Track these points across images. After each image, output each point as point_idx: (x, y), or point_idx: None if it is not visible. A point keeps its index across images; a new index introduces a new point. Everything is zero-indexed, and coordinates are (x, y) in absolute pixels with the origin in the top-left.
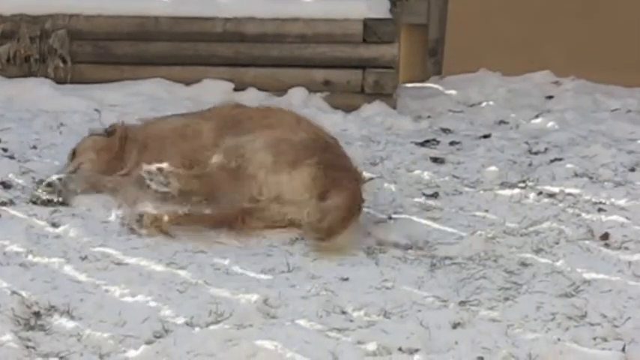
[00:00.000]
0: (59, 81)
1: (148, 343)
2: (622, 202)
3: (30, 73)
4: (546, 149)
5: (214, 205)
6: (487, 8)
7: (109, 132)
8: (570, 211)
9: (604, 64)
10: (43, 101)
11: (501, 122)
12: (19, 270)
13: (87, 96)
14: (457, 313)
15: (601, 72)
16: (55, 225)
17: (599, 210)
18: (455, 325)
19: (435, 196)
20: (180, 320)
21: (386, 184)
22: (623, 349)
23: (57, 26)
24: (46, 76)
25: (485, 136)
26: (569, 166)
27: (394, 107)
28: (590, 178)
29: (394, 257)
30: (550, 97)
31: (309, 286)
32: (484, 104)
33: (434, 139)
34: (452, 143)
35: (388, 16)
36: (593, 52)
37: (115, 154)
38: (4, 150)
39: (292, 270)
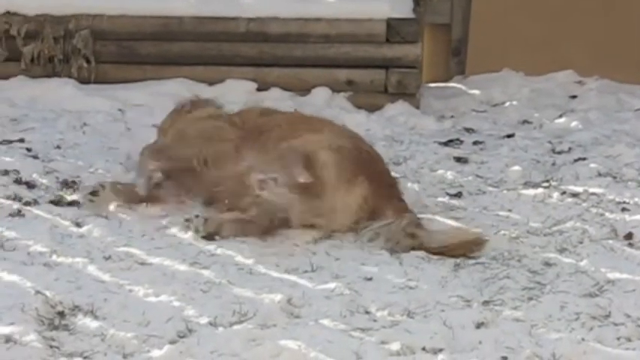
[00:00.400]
0: (83, 81)
1: (172, 342)
2: None
3: (54, 73)
4: (570, 149)
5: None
6: (510, 8)
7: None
8: (594, 210)
9: (628, 64)
10: (67, 101)
11: (525, 122)
12: (43, 270)
13: (110, 96)
14: (481, 313)
15: (625, 71)
16: (78, 225)
17: (623, 209)
18: (478, 325)
19: (458, 195)
20: (204, 320)
21: (409, 184)
22: None
23: (81, 26)
24: (70, 76)
25: (509, 136)
26: (592, 165)
27: (417, 107)
28: (614, 177)
29: (418, 257)
30: (574, 97)
31: (332, 285)
32: (507, 104)
33: (457, 139)
34: (475, 143)
35: (411, 15)
36: (616, 52)
37: None
38: (28, 150)
39: (316, 270)
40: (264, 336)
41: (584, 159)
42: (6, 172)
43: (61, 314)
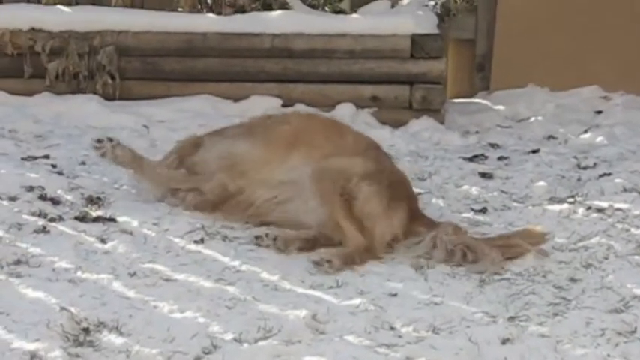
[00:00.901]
0: (107, 97)
1: (197, 359)
2: None
3: (79, 90)
4: (595, 164)
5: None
6: (534, 23)
7: None
8: (619, 226)
9: None
10: (92, 117)
11: (550, 137)
12: (68, 286)
13: (135, 112)
14: (506, 329)
15: None
16: (103, 241)
17: None
18: (504, 341)
19: (483, 211)
20: (229, 336)
21: (434, 200)
22: None
23: (105, 43)
24: (95, 93)
25: (534, 152)
26: (617, 181)
27: (442, 122)
28: None
29: (443, 272)
30: (599, 112)
31: (357, 301)
32: (532, 119)
33: (482, 155)
34: (500, 158)
35: (436, 31)
36: None
37: None
38: (53, 166)
39: (341, 285)
40: (289, 352)
41: (609, 174)
42: (31, 189)
43: (86, 330)
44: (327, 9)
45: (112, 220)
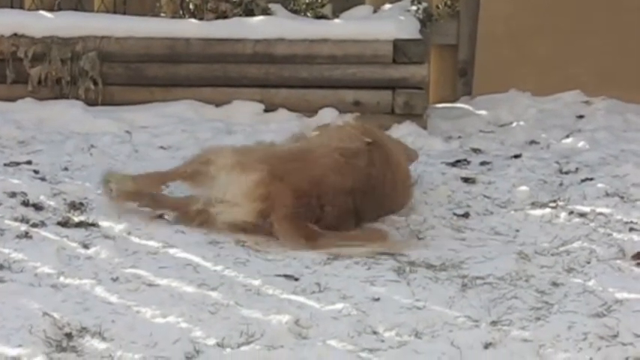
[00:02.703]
0: (90, 103)
1: None
2: None
3: (61, 95)
4: (577, 169)
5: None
6: (517, 28)
7: None
8: (601, 230)
9: (635, 84)
10: (74, 123)
11: (532, 142)
12: (50, 291)
13: (118, 118)
14: (489, 333)
15: (632, 91)
16: (86, 246)
17: (631, 229)
18: (486, 345)
19: (465, 216)
20: (212, 341)
21: (417, 204)
22: None
23: (88, 48)
24: (77, 98)
25: (516, 156)
26: (600, 185)
27: (424, 128)
28: (622, 197)
29: (425, 277)
30: (581, 117)
31: (340, 306)
32: (514, 124)
33: (464, 160)
34: (482, 163)
35: (418, 36)
36: (623, 72)
37: None
38: (36, 172)
39: (323, 290)
40: (271, 357)
41: (591, 179)
42: (13, 194)
43: (69, 336)
44: (308, 14)
45: (94, 225)
